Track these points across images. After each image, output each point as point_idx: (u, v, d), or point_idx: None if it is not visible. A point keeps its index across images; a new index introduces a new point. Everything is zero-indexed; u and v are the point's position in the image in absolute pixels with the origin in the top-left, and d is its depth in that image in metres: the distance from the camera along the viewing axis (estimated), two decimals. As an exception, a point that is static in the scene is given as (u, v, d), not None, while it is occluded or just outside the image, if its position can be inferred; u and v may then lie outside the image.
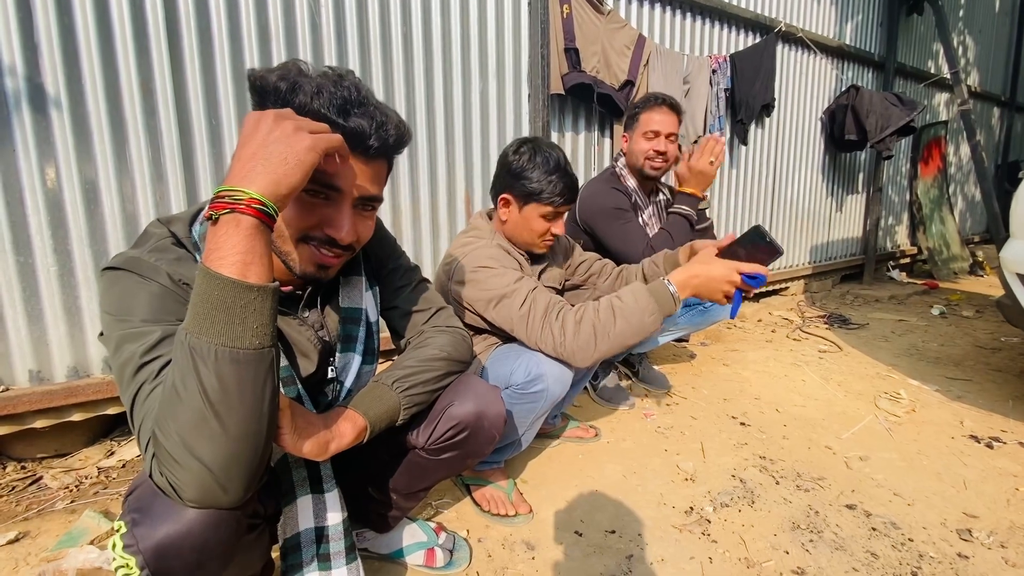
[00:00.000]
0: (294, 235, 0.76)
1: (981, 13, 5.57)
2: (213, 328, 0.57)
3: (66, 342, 1.55)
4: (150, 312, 0.71)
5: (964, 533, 1.31)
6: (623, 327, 1.16)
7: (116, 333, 0.70)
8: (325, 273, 0.82)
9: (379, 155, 0.78)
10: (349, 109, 0.73)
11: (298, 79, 0.71)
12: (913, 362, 2.56)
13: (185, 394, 0.58)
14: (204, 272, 0.58)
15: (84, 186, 1.53)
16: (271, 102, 0.72)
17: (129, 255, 0.75)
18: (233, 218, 0.58)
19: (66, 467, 1.60)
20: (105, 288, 0.74)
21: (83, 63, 1.50)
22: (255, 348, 0.59)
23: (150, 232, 0.79)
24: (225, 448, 0.59)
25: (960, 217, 5.80)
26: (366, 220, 0.82)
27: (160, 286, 0.72)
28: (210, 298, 0.57)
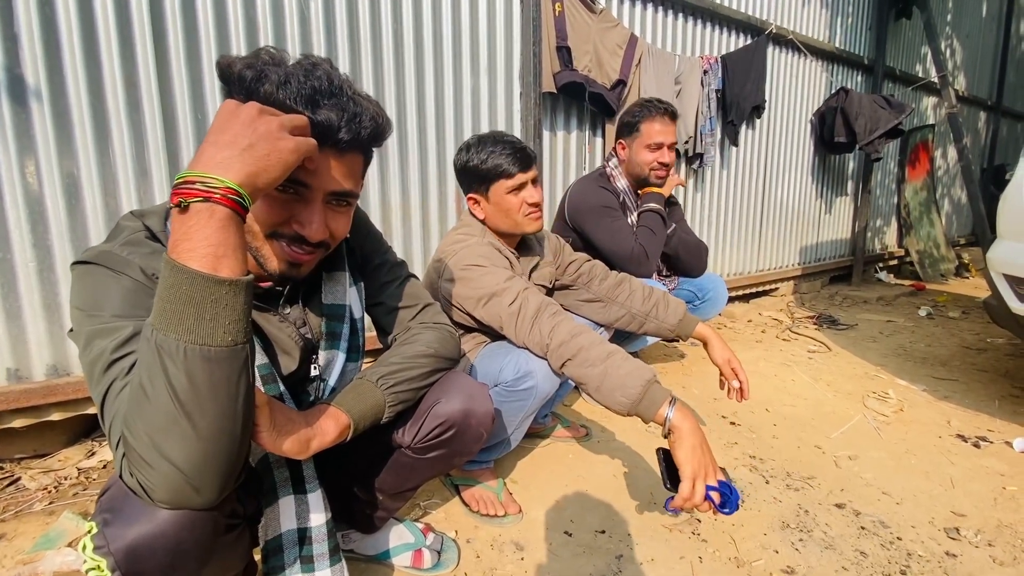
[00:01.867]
0: (263, 231, 0.73)
1: (969, 18, 5.64)
2: (182, 324, 0.54)
3: (45, 339, 1.52)
4: (122, 307, 0.68)
5: (952, 532, 1.31)
6: (596, 376, 1.08)
7: (86, 328, 0.67)
8: (298, 271, 0.78)
9: (352, 148, 0.74)
10: (319, 100, 0.69)
11: (265, 68, 0.68)
12: (901, 362, 2.58)
13: (153, 393, 0.55)
14: (171, 265, 0.54)
15: (65, 180, 1.50)
16: (236, 91, 0.69)
17: (100, 249, 0.72)
18: (207, 207, 0.55)
19: (45, 468, 1.56)
20: (75, 282, 0.71)
21: (64, 55, 1.47)
22: (228, 345, 0.57)
23: (123, 225, 0.77)
24: (197, 448, 0.57)
25: (946, 219, 5.87)
26: (340, 216, 0.79)
27: (132, 280, 0.70)
28: (178, 292, 0.54)
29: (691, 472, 0.95)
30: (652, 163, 1.89)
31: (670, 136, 1.87)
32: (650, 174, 1.91)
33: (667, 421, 1.00)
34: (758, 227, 3.73)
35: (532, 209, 1.35)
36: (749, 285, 3.69)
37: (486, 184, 1.34)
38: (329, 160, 0.73)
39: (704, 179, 3.28)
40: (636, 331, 1.56)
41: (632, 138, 1.91)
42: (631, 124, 1.91)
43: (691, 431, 0.97)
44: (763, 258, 3.82)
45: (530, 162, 1.34)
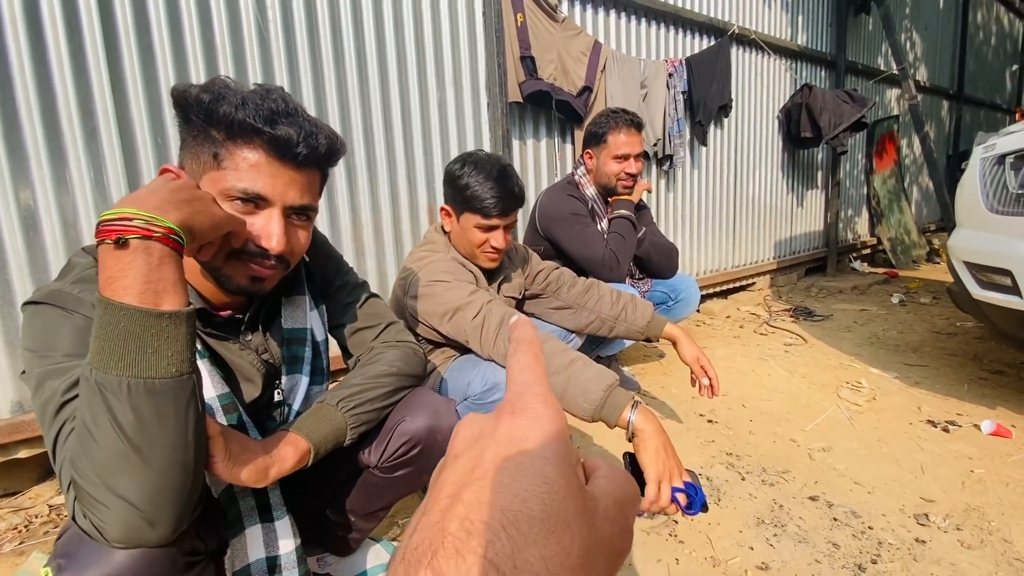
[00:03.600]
0: (224, 250, 0.74)
1: (927, 11, 5.80)
2: (123, 360, 0.54)
3: (8, 376, 1.49)
4: (73, 346, 0.68)
5: (921, 518, 1.34)
6: (560, 383, 1.09)
7: (37, 370, 0.67)
8: (260, 286, 0.79)
9: (309, 164, 0.77)
10: (276, 119, 0.72)
11: (223, 91, 0.70)
12: (874, 351, 2.64)
13: (98, 432, 0.55)
14: (107, 303, 0.55)
15: (22, 212, 1.48)
16: (194, 114, 0.70)
17: (50, 288, 0.72)
18: (144, 244, 0.56)
19: (15, 506, 1.53)
20: (26, 323, 0.71)
21: (16, 86, 1.45)
22: (172, 376, 0.57)
23: (73, 263, 0.76)
24: (149, 482, 0.57)
25: (916, 207, 6.01)
26: (299, 231, 0.80)
27: (84, 318, 0.70)
28: (116, 329, 0.54)
29: (656, 475, 0.96)
30: (619, 173, 1.93)
31: (636, 147, 1.91)
32: (617, 184, 1.95)
33: (630, 424, 1.01)
34: (732, 224, 3.79)
35: (492, 251, 1.36)
36: (726, 281, 3.74)
37: (461, 207, 1.34)
38: (288, 174, 0.75)
39: (675, 180, 3.33)
40: (607, 335, 1.58)
41: (599, 148, 1.94)
42: (598, 135, 1.94)
43: (654, 433, 0.98)
44: (738, 254, 3.88)
45: (512, 210, 1.34)
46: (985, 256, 1.84)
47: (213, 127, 0.72)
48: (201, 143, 0.73)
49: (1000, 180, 1.82)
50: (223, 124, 0.71)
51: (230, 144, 0.72)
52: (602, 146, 1.93)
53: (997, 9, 7.38)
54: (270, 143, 0.72)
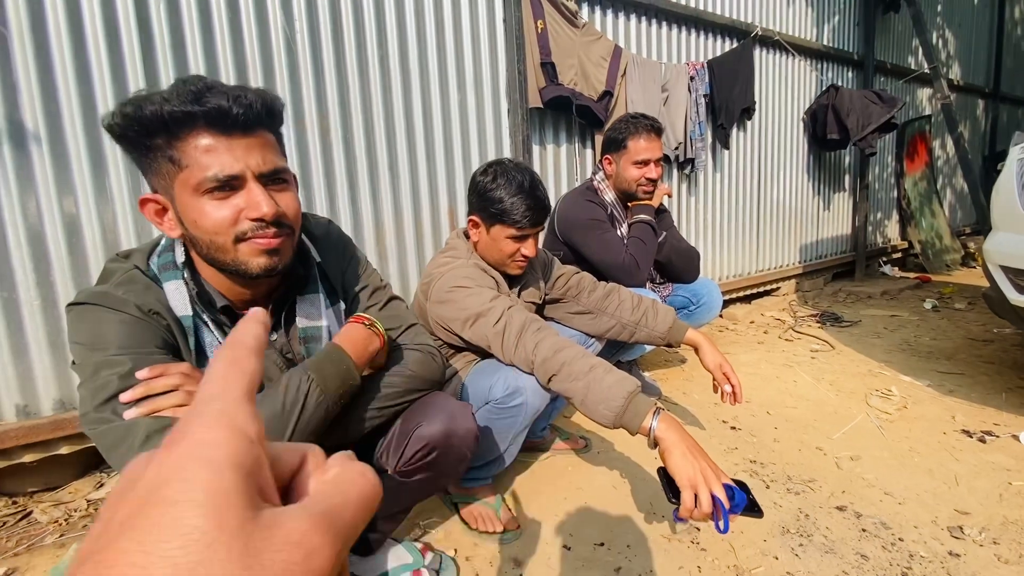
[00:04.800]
0: (227, 240, 0.76)
1: (959, 7, 5.64)
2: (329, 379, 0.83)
3: (51, 375, 1.56)
4: (123, 340, 0.74)
5: (955, 530, 1.30)
6: (580, 390, 1.09)
7: (92, 360, 0.73)
8: (278, 258, 0.80)
9: (254, 126, 0.76)
10: (201, 96, 0.71)
11: (142, 100, 0.71)
12: (905, 358, 2.56)
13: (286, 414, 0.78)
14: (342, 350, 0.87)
15: (65, 219, 1.55)
16: (130, 131, 0.71)
17: (95, 290, 0.78)
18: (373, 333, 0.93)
19: (56, 500, 1.59)
20: (75, 321, 0.76)
21: (61, 99, 1.52)
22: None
23: (111, 268, 0.82)
24: None
25: (950, 209, 5.83)
26: (282, 194, 0.80)
27: (131, 316, 0.76)
28: (341, 366, 0.86)
29: (687, 480, 0.93)
30: (639, 179, 1.91)
31: (656, 152, 1.90)
32: (637, 189, 1.94)
33: (651, 432, 1.00)
34: (755, 227, 3.73)
35: (523, 260, 1.38)
36: (750, 286, 3.68)
37: (493, 220, 1.34)
38: (241, 143, 0.75)
39: (697, 183, 3.29)
40: (627, 340, 1.57)
41: (619, 154, 1.94)
42: (617, 140, 1.93)
43: (677, 440, 0.97)
44: (762, 258, 3.82)
45: (543, 220, 1.36)
46: (1023, 260, 1.78)
47: (152, 136, 0.72)
48: (154, 158, 0.74)
49: (1039, 182, 1.76)
50: (157, 125, 0.71)
51: (176, 142, 0.72)
52: (622, 151, 1.93)
53: (1036, 4, 7.11)
54: (208, 120, 0.72)
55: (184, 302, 0.81)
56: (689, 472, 0.93)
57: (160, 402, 0.72)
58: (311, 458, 0.23)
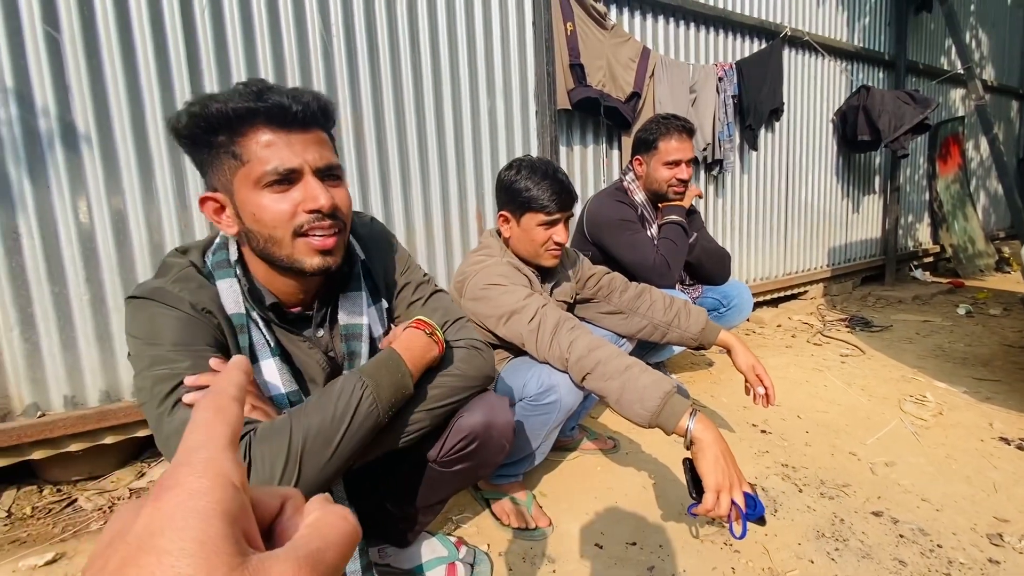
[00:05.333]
0: (286, 234, 0.79)
1: (993, 7, 5.49)
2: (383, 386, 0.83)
3: (98, 367, 1.62)
4: (178, 337, 0.77)
5: (995, 538, 1.27)
6: (615, 389, 1.11)
7: (148, 354, 0.76)
8: (332, 258, 0.83)
9: (310, 123, 0.80)
10: (262, 94, 0.75)
11: (207, 100, 0.75)
12: (939, 363, 2.51)
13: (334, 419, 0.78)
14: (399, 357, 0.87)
15: (114, 217, 1.61)
16: (197, 129, 0.76)
17: (153, 285, 0.81)
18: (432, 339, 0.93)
19: (99, 489, 1.65)
20: (132, 314, 0.80)
21: (111, 101, 1.58)
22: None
23: (170, 263, 0.85)
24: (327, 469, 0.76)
25: (984, 213, 5.67)
26: (336, 189, 0.83)
27: (185, 314, 0.79)
28: (397, 371, 0.86)
29: (715, 484, 0.96)
30: (670, 179, 1.91)
31: (687, 152, 1.90)
32: (668, 190, 1.94)
33: (688, 432, 1.01)
34: (783, 230, 3.68)
35: (555, 247, 1.40)
36: (777, 289, 3.64)
37: (522, 209, 1.37)
38: (300, 139, 0.78)
39: (725, 185, 3.27)
40: (659, 341, 1.57)
41: (649, 155, 1.94)
42: (648, 141, 1.93)
43: (713, 442, 0.98)
44: (790, 261, 3.77)
45: (570, 205, 1.39)
46: (1066, 265, 1.73)
47: (216, 133, 0.76)
48: (216, 155, 0.78)
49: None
50: (221, 121, 0.74)
51: (239, 138, 0.76)
52: (653, 152, 1.93)
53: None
54: (268, 117, 0.76)
55: (236, 300, 0.84)
56: (719, 477, 0.97)
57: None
58: (290, 502, 0.25)
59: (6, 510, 1.52)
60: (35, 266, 1.52)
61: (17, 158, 1.48)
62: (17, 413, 1.54)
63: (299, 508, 0.24)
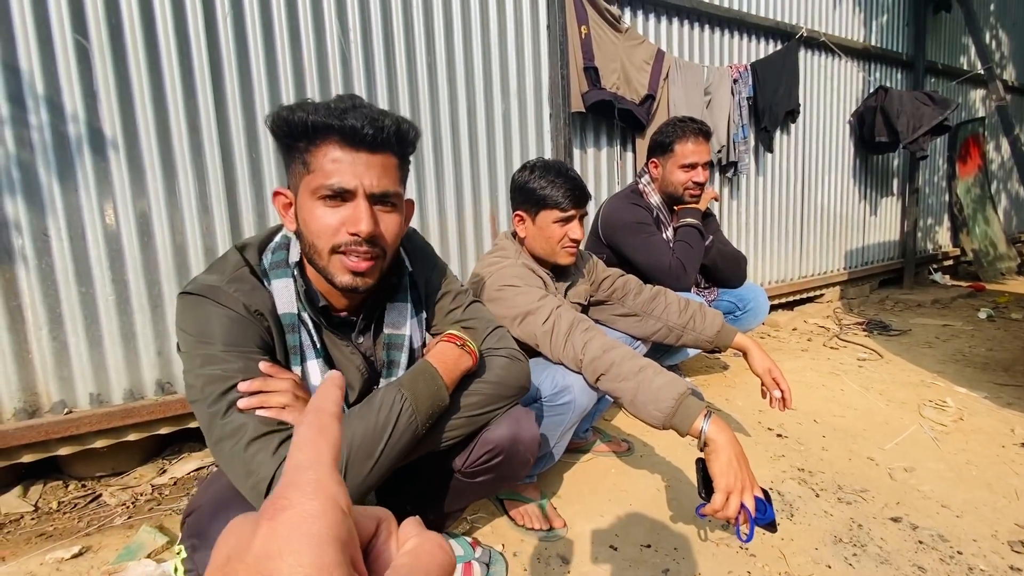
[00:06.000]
0: (325, 247, 0.82)
1: (1014, 6, 5.39)
2: (422, 396, 0.85)
3: (123, 366, 1.66)
4: (229, 338, 0.79)
5: (1016, 545, 1.25)
6: (630, 390, 1.11)
7: (200, 352, 0.79)
8: (362, 280, 0.84)
9: (381, 146, 0.82)
10: (345, 113, 0.79)
11: (301, 104, 0.80)
12: (960, 368, 2.47)
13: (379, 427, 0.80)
14: (435, 371, 0.88)
15: (138, 220, 1.65)
16: (282, 131, 0.80)
17: (209, 283, 0.83)
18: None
19: (122, 484, 1.69)
20: (186, 309, 0.82)
21: (137, 107, 1.62)
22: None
23: (228, 259, 0.87)
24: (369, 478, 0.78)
25: (1005, 215, 5.56)
26: (386, 217, 0.85)
27: (237, 314, 0.81)
28: (434, 383, 0.88)
29: (725, 486, 0.96)
30: (686, 182, 1.91)
31: (704, 155, 1.90)
32: (684, 193, 1.94)
33: (702, 434, 1.01)
34: (799, 232, 3.65)
35: (571, 244, 1.41)
36: (793, 292, 3.60)
37: (537, 208, 1.40)
38: (363, 159, 0.81)
39: (740, 187, 3.25)
40: (674, 343, 1.57)
41: (665, 157, 1.94)
42: (664, 144, 1.93)
43: (727, 444, 0.98)
44: (806, 264, 3.73)
45: (584, 201, 1.41)
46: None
47: (298, 139, 0.80)
48: (294, 159, 0.82)
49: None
50: (302, 130, 0.79)
51: (312, 148, 0.80)
52: (668, 155, 1.93)
53: (1101, 0, 6.73)
54: (341, 134, 0.79)
55: (291, 299, 0.87)
56: (731, 479, 0.97)
57: (270, 398, 0.77)
58: (384, 524, 0.25)
59: (33, 504, 1.56)
60: (64, 267, 1.56)
61: (47, 162, 1.53)
62: (45, 410, 1.58)
63: (392, 532, 0.25)
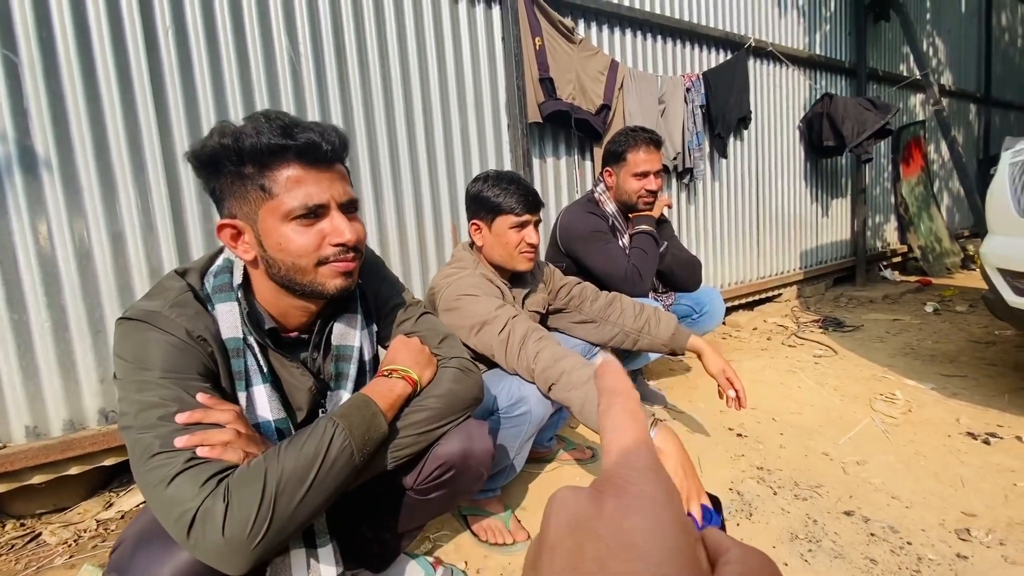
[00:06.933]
0: (310, 263, 0.82)
1: (949, 15, 5.72)
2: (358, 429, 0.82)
3: (61, 396, 1.57)
4: (168, 364, 0.75)
5: (963, 533, 1.30)
6: (578, 399, 1.11)
7: (137, 378, 0.75)
8: (352, 280, 0.87)
9: (334, 159, 0.84)
10: (291, 131, 0.78)
11: (237, 132, 0.77)
12: (908, 361, 2.57)
13: (307, 458, 0.76)
14: (370, 400, 0.86)
15: (76, 241, 1.57)
16: (226, 160, 0.77)
17: (149, 308, 0.79)
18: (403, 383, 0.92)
19: (64, 521, 1.60)
20: (122, 336, 0.78)
21: (72, 124, 1.56)
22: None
23: (169, 284, 0.84)
24: (299, 513, 0.74)
25: (948, 213, 5.86)
26: (356, 222, 0.87)
27: (179, 340, 0.77)
28: (368, 413, 0.85)
29: None
30: (639, 191, 1.95)
31: (655, 164, 1.94)
32: (638, 201, 1.97)
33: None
34: (755, 235, 3.76)
35: (528, 249, 1.43)
36: (752, 293, 3.70)
37: (493, 215, 1.41)
38: (326, 176, 0.82)
39: (696, 192, 3.33)
40: (631, 348, 1.59)
41: (619, 166, 1.97)
42: (617, 153, 1.97)
43: (672, 453, 0.98)
44: (763, 265, 3.84)
45: (537, 207, 1.43)
46: (1020, 262, 1.80)
47: (244, 164, 0.78)
48: (241, 185, 0.79)
49: (1032, 185, 1.79)
50: (252, 156, 0.77)
51: (268, 172, 0.78)
52: (622, 164, 1.96)
53: (1021, 11, 7.22)
54: (299, 154, 0.79)
55: (235, 323, 0.84)
56: (682, 480, 0.97)
57: (211, 436, 0.72)
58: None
59: (-35, 548, 1.46)
60: (-7, 294, 1.48)
61: (-27, 184, 1.45)
62: (-25, 447, 1.48)
63: (699, 538, 0.23)
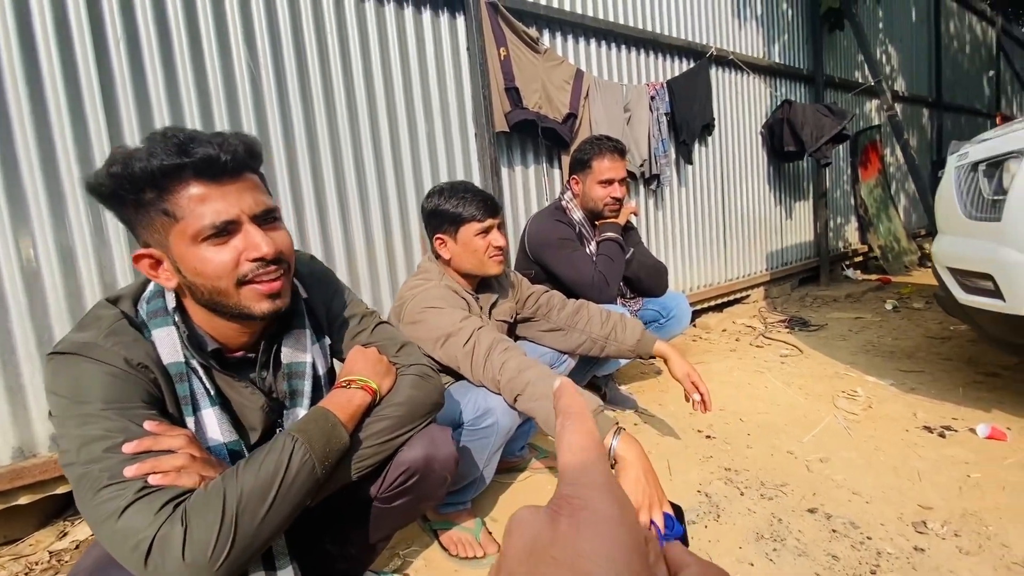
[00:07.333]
0: (230, 284, 0.78)
1: (900, 24, 5.98)
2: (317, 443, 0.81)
3: (8, 423, 1.50)
4: (109, 395, 0.72)
5: (920, 526, 1.34)
6: (543, 409, 1.12)
7: (76, 412, 0.71)
8: (281, 301, 0.83)
9: (240, 170, 0.79)
10: (186, 147, 0.73)
11: (127, 157, 0.72)
12: (870, 358, 2.65)
13: (265, 477, 0.75)
14: (329, 412, 0.85)
15: (21, 260, 1.51)
16: (120, 190, 0.73)
17: (81, 340, 0.75)
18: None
19: (15, 554, 1.52)
20: (56, 371, 0.74)
21: (16, 136, 1.49)
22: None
23: (99, 315, 0.80)
24: (261, 531, 0.73)
25: (905, 213, 6.09)
26: (276, 232, 0.83)
27: (118, 369, 0.74)
28: (327, 426, 0.84)
29: (635, 502, 0.98)
30: (605, 198, 1.98)
31: (620, 171, 1.97)
32: (604, 208, 2.00)
33: (611, 451, 1.02)
34: (722, 238, 3.84)
35: (496, 252, 1.44)
36: (721, 295, 3.77)
37: (456, 226, 1.41)
38: (231, 188, 0.77)
39: (663, 198, 3.39)
40: (598, 355, 1.60)
41: (585, 174, 2.00)
42: (583, 161, 1.99)
43: (635, 460, 0.99)
44: (731, 267, 3.92)
45: (496, 210, 1.45)
46: (967, 261, 1.88)
47: (142, 191, 0.73)
48: (144, 212, 0.75)
49: (975, 187, 1.87)
50: (147, 180, 0.72)
51: (167, 195, 0.74)
52: (587, 172, 1.99)
53: (969, 18, 7.59)
54: (196, 170, 0.74)
55: (175, 348, 0.80)
56: (638, 496, 0.98)
57: (163, 462, 0.70)
58: (651, 544, 0.24)
59: (-96, 588, 1.38)
60: (-68, 318, 1.41)
61: (-92, 203, 1.38)
62: (-86, 479, 1.40)
63: (659, 554, 0.23)
